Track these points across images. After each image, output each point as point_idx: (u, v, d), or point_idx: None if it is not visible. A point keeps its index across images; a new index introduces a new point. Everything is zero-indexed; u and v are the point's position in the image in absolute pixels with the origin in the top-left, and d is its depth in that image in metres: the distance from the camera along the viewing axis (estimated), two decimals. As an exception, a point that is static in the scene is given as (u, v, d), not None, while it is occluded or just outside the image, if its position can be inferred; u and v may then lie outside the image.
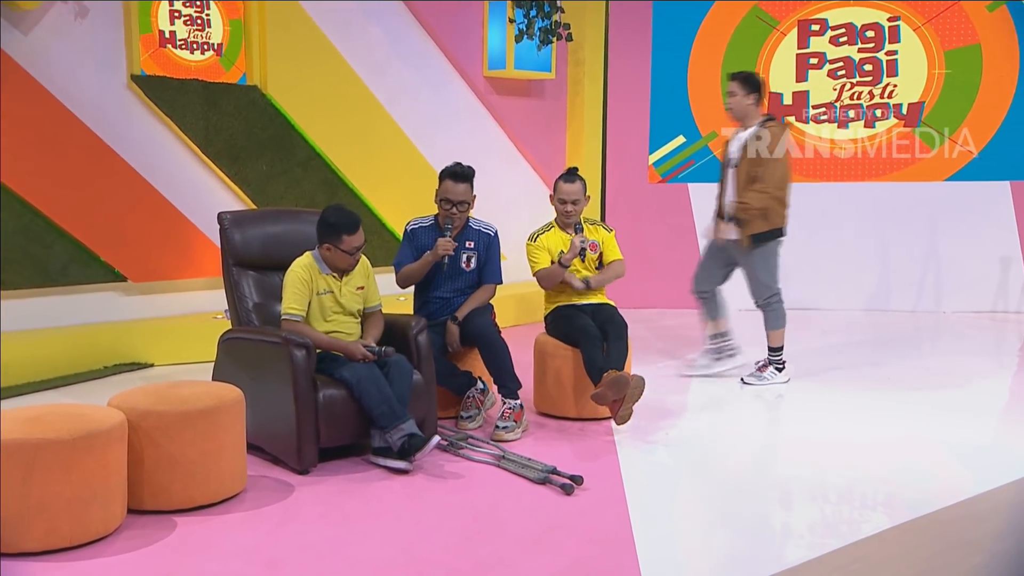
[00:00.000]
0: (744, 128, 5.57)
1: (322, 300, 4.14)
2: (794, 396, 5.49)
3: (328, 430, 3.92)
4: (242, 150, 6.69)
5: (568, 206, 4.93)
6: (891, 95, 8.75)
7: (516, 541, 3.25)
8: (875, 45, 8.73)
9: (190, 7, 6.50)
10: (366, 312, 4.33)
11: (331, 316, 4.17)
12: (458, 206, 4.70)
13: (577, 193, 4.94)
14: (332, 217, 4.08)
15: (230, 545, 3.19)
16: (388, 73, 7.58)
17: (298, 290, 4.07)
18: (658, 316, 8.47)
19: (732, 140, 5.64)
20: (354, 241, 4.07)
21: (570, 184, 4.95)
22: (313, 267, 4.13)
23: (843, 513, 3.67)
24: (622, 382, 4.38)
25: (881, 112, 8.76)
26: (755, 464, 4.22)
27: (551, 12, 7.93)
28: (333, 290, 4.16)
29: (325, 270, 4.15)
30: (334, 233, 4.05)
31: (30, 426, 3.06)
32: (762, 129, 5.46)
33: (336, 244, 4.06)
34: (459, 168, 4.75)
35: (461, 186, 4.71)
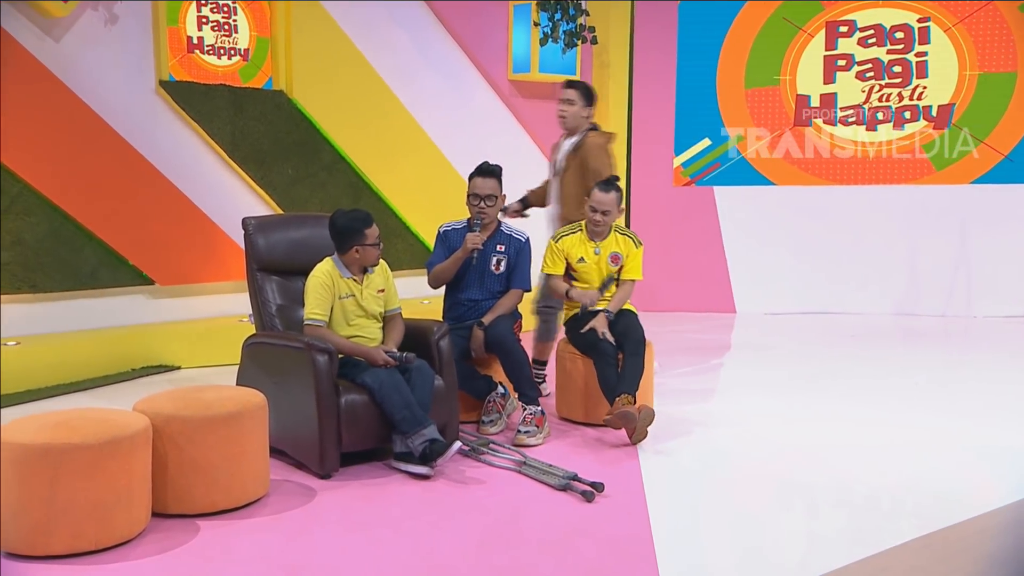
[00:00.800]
0: (569, 137, 5.36)
1: (344, 304, 4.16)
2: (819, 401, 5.44)
3: (350, 435, 3.94)
4: (268, 154, 6.74)
5: (598, 215, 4.80)
6: (920, 97, 8.65)
7: (535, 548, 3.25)
8: (904, 46, 8.64)
9: (217, 13, 6.57)
10: (386, 316, 4.35)
11: (354, 320, 4.19)
12: (485, 200, 4.72)
13: (609, 203, 4.79)
14: (345, 220, 4.11)
15: (251, 550, 3.22)
16: (413, 77, 7.61)
17: (320, 295, 4.09)
18: (681, 320, 8.44)
19: (558, 148, 5.44)
20: (374, 232, 4.15)
21: (604, 193, 4.80)
22: (334, 272, 4.16)
23: (868, 521, 3.62)
24: (630, 417, 4.36)
25: (910, 114, 8.67)
26: (779, 471, 4.18)
27: (576, 15, 7.92)
28: (355, 293, 4.18)
29: (346, 274, 4.17)
30: (356, 233, 4.09)
31: (56, 431, 3.11)
32: (590, 137, 5.28)
33: (362, 242, 4.10)
34: (486, 165, 4.82)
35: (487, 181, 4.74)
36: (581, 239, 4.92)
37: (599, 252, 4.88)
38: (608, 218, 4.82)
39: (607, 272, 4.91)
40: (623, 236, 4.95)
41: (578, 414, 4.84)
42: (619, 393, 4.50)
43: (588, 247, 4.90)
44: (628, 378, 4.57)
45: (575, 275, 4.96)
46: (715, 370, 6.64)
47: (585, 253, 4.89)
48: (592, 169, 5.12)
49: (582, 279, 4.94)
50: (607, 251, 4.88)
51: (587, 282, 4.92)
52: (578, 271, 4.93)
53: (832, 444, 4.59)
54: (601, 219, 4.81)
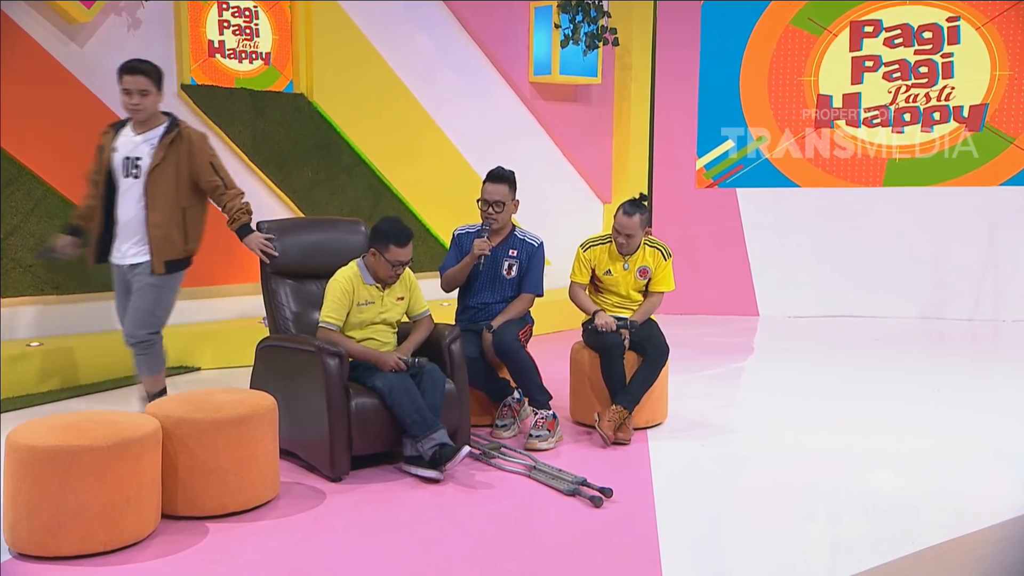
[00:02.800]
0: (143, 130, 4.36)
1: (363, 310, 4.17)
2: (841, 406, 5.38)
3: (361, 438, 3.95)
4: (288, 157, 6.79)
5: (621, 238, 4.73)
6: (948, 97, 8.53)
7: (541, 554, 3.24)
8: (933, 46, 8.52)
9: (239, 17, 6.62)
10: (415, 319, 4.36)
11: (368, 325, 4.20)
12: (494, 206, 4.71)
13: (632, 227, 4.69)
14: (386, 225, 4.13)
15: (259, 553, 3.23)
16: (433, 80, 7.63)
17: (338, 300, 4.10)
18: (703, 323, 8.39)
19: (122, 144, 4.38)
20: (399, 255, 4.09)
21: (627, 217, 4.70)
22: (357, 277, 4.16)
23: (884, 530, 3.56)
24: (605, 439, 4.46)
25: (940, 115, 8.54)
26: (796, 479, 4.12)
27: (597, 17, 7.90)
28: (375, 301, 4.18)
29: (369, 280, 4.17)
30: (383, 240, 4.09)
31: (66, 433, 3.14)
32: (187, 128, 4.47)
33: (382, 252, 4.09)
34: (497, 170, 4.78)
35: (497, 186, 4.71)
36: (610, 252, 4.85)
37: (628, 267, 4.85)
38: (632, 241, 4.75)
39: (636, 285, 4.87)
40: (652, 248, 4.88)
41: (592, 418, 4.82)
42: (619, 402, 4.49)
43: (617, 262, 4.85)
44: (634, 389, 4.56)
45: (600, 285, 4.94)
46: (736, 374, 6.59)
47: (612, 266, 4.85)
48: (203, 167, 4.39)
49: (607, 288, 4.91)
50: (636, 265, 4.85)
51: (613, 292, 4.90)
52: (604, 281, 4.90)
53: (853, 450, 4.53)
54: (625, 242, 4.75)
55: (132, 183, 4.34)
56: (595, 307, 4.81)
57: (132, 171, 4.33)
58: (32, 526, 3.10)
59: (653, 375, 4.65)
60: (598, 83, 8.39)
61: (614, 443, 4.48)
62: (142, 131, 4.36)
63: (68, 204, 5.83)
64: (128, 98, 4.28)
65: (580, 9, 7.82)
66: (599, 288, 4.94)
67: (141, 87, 4.29)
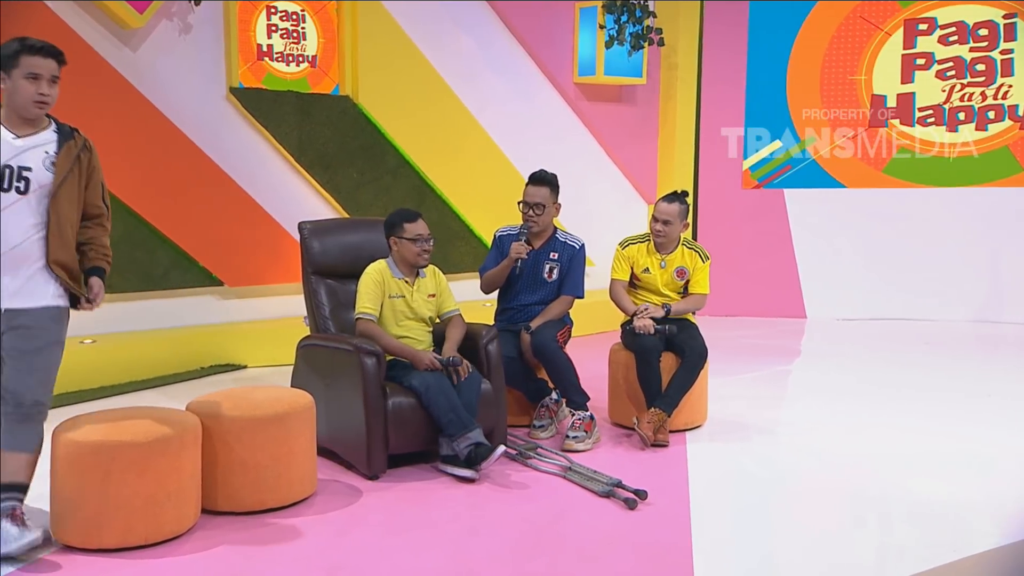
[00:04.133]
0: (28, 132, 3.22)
1: (394, 304, 4.23)
2: (887, 410, 5.29)
3: (397, 437, 4.00)
4: (334, 158, 6.88)
5: (659, 224, 4.74)
6: (1005, 96, 8.33)
7: (572, 555, 3.25)
8: (988, 44, 8.32)
9: (287, 21, 6.73)
10: (444, 318, 4.40)
11: (403, 321, 4.25)
12: (534, 208, 4.72)
13: (671, 214, 4.73)
14: (391, 215, 4.31)
15: (294, 550, 3.29)
16: (478, 81, 7.66)
17: (371, 291, 4.18)
18: (749, 325, 8.30)
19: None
20: (416, 228, 4.22)
21: (667, 203, 4.75)
22: (386, 271, 4.25)
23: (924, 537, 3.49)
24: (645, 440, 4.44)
25: (995, 114, 8.34)
26: (835, 485, 4.06)
27: (642, 17, 7.86)
28: (405, 295, 4.24)
29: (397, 274, 4.25)
30: (395, 226, 4.23)
31: (109, 429, 3.23)
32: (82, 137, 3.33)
33: (400, 235, 4.21)
34: (539, 172, 4.80)
35: (538, 189, 4.73)
36: (648, 249, 4.85)
37: (665, 266, 4.83)
38: (669, 228, 4.74)
39: (673, 285, 4.85)
40: (690, 250, 4.87)
41: (630, 419, 4.80)
42: (657, 405, 4.47)
43: (654, 259, 4.84)
44: (673, 392, 4.55)
45: (638, 283, 4.93)
46: (782, 377, 6.52)
47: (650, 264, 4.84)
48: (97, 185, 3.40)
49: (644, 287, 4.91)
50: (673, 265, 4.83)
51: (650, 291, 4.89)
52: (641, 280, 4.90)
53: (898, 455, 4.44)
54: (663, 229, 4.74)
55: (17, 200, 3.16)
56: (635, 307, 4.81)
57: (17, 184, 3.17)
58: (77, 519, 3.20)
59: (691, 377, 4.62)
60: (643, 83, 8.36)
61: (653, 445, 4.47)
62: (26, 133, 3.21)
63: (120, 205, 5.98)
64: (33, 86, 3.14)
65: (625, 9, 7.79)
66: (637, 287, 4.93)
67: (54, 73, 3.20)
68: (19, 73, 3.11)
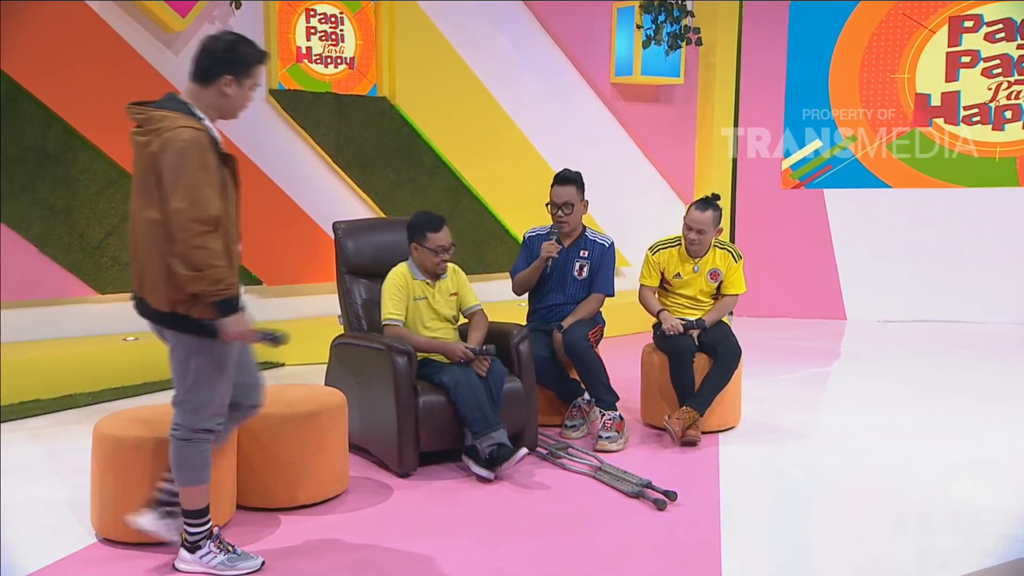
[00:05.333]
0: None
1: (418, 306, 4.25)
2: (927, 414, 5.22)
3: (428, 435, 4.03)
4: (371, 159, 6.95)
5: (693, 234, 4.71)
6: (1053, 94, 8.16)
7: (598, 556, 3.25)
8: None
9: (325, 24, 6.82)
10: (466, 313, 4.42)
11: (428, 322, 4.27)
12: (563, 208, 4.73)
13: (704, 223, 4.68)
14: (417, 218, 4.27)
15: (324, 546, 3.34)
16: (514, 82, 7.69)
17: (395, 296, 4.20)
18: (788, 326, 8.22)
19: None
20: (438, 240, 4.19)
21: (699, 212, 4.70)
22: (407, 274, 4.27)
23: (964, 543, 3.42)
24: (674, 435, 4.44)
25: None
26: (870, 488, 4.02)
27: (680, 17, 7.83)
28: (427, 296, 4.26)
29: (419, 276, 4.26)
30: (419, 232, 4.21)
31: (148, 425, 3.31)
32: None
33: (421, 243, 4.20)
34: (564, 172, 4.81)
35: (565, 188, 4.74)
36: (680, 255, 4.83)
37: (697, 270, 4.81)
38: (704, 237, 4.72)
39: (707, 288, 4.83)
40: (722, 251, 4.84)
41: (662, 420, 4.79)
42: (690, 404, 4.46)
43: (686, 264, 4.81)
44: (705, 392, 4.53)
45: (669, 288, 4.91)
46: (820, 379, 6.45)
47: (682, 269, 4.82)
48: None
49: (677, 291, 4.89)
50: (706, 268, 4.81)
51: (683, 295, 4.87)
52: (673, 284, 4.88)
53: (932, 461, 4.38)
54: (696, 238, 4.71)
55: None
56: (659, 308, 4.80)
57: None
58: (117, 513, 3.26)
59: (724, 378, 4.60)
60: (680, 83, 8.32)
61: (683, 442, 4.45)
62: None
63: (162, 205, 6.10)
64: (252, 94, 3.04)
65: (663, 9, 7.76)
66: (668, 290, 4.92)
67: None
68: (250, 83, 2.98)
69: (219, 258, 2.80)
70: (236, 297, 2.85)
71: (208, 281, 2.78)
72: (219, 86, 2.89)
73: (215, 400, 3.00)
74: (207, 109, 2.93)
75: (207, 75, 2.89)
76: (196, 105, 2.91)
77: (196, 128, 2.82)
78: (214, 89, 2.90)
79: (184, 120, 2.83)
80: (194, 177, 2.76)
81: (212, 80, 2.88)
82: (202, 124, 2.86)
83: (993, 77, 8.30)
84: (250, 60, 2.94)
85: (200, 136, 2.80)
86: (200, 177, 2.77)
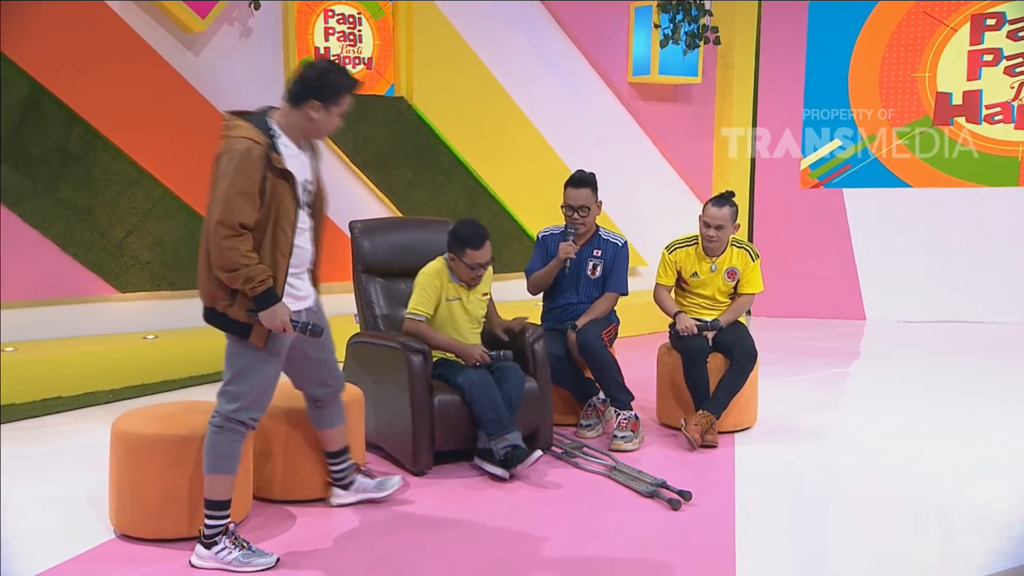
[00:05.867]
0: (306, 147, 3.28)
1: (451, 307, 4.25)
2: (946, 415, 5.19)
3: (443, 434, 4.05)
4: (388, 159, 6.98)
5: (711, 230, 4.69)
6: (1079, 92, 8.08)
7: (611, 555, 3.26)
8: (1061, 38, 8.08)
9: (343, 24, 6.85)
10: None
11: (460, 326, 4.27)
12: (579, 211, 4.73)
13: (722, 218, 4.68)
14: (461, 229, 4.16)
15: (339, 541, 3.37)
16: (531, 82, 7.70)
17: (427, 293, 4.19)
18: (806, 326, 8.18)
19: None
20: (477, 257, 4.12)
21: (717, 208, 4.69)
22: (444, 273, 4.24)
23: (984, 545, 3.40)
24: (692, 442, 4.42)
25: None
26: (887, 492, 3.99)
27: (698, 16, 7.81)
28: (461, 297, 4.26)
29: (454, 279, 4.25)
30: (459, 245, 4.14)
31: (166, 422, 3.35)
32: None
33: (459, 256, 4.14)
34: (578, 174, 4.80)
35: (580, 191, 4.73)
36: (697, 254, 4.82)
37: (715, 269, 4.80)
38: (722, 233, 4.70)
39: (724, 287, 4.83)
40: (739, 249, 4.83)
41: (678, 421, 4.79)
42: (705, 407, 4.45)
43: (703, 263, 4.81)
44: (722, 395, 4.52)
45: (686, 287, 4.91)
46: (838, 379, 6.42)
47: (699, 268, 4.81)
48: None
49: (693, 290, 4.88)
50: (723, 267, 4.80)
51: (700, 294, 4.87)
52: (690, 284, 4.88)
53: (952, 462, 4.35)
54: (715, 234, 4.70)
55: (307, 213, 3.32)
56: (676, 309, 4.79)
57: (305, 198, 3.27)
58: (135, 510, 3.31)
59: (740, 380, 4.59)
60: (698, 82, 8.29)
61: (702, 446, 4.45)
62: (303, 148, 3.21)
63: (182, 205, 6.16)
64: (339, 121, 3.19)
65: (680, 8, 7.75)
66: (685, 290, 4.91)
67: None
68: (337, 110, 3.12)
69: (247, 257, 2.94)
70: (271, 293, 3.00)
71: (241, 279, 2.95)
72: (306, 110, 3.04)
73: (252, 395, 3.10)
74: (292, 128, 3.08)
75: (297, 98, 3.04)
76: (283, 123, 3.06)
77: (254, 140, 2.93)
78: (302, 112, 3.05)
79: (248, 131, 2.95)
80: (232, 185, 2.90)
81: (301, 103, 3.04)
82: (264, 138, 2.96)
83: (1016, 75, 8.22)
84: (339, 89, 3.08)
85: (254, 148, 2.92)
86: (237, 185, 2.90)
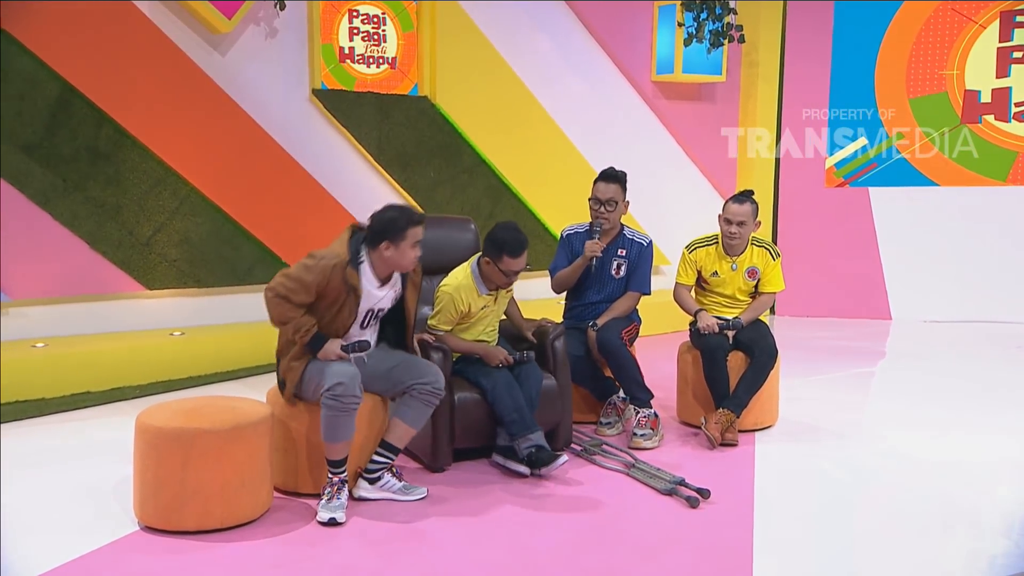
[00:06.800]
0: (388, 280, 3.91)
1: (483, 314, 4.21)
2: (972, 416, 5.15)
3: (462, 431, 4.08)
4: (412, 158, 7.03)
5: (732, 227, 4.68)
6: (1111, 88, 7.96)
7: (629, 552, 3.27)
8: (1093, 32, 7.97)
9: (368, 24, 6.90)
10: None
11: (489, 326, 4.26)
12: (606, 205, 4.73)
13: (744, 215, 4.67)
14: (501, 233, 4.05)
15: (355, 537, 3.40)
16: (554, 80, 7.70)
17: (449, 313, 4.12)
18: (832, 326, 8.12)
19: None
20: (513, 264, 4.05)
21: (738, 204, 4.68)
22: (472, 290, 4.12)
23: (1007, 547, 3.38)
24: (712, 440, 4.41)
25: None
26: (911, 492, 3.96)
27: (722, 14, 7.77)
28: (489, 303, 4.22)
29: (483, 290, 4.16)
30: (496, 250, 4.04)
31: (188, 417, 3.40)
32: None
33: (496, 261, 4.06)
34: (609, 170, 4.80)
35: (609, 185, 4.73)
36: (717, 253, 4.81)
37: (736, 268, 4.79)
38: (744, 230, 4.69)
39: (744, 286, 4.82)
40: (760, 248, 4.82)
41: (698, 419, 4.78)
42: (726, 406, 4.45)
43: (724, 262, 4.80)
44: (742, 393, 4.51)
45: (707, 286, 4.90)
46: (863, 379, 6.38)
47: (720, 268, 4.81)
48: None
49: (714, 290, 4.88)
50: (744, 266, 4.79)
51: (720, 293, 4.86)
52: (710, 283, 4.87)
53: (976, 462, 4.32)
54: (736, 231, 4.68)
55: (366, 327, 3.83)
56: (697, 307, 4.79)
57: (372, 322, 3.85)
58: (158, 503, 3.37)
59: (761, 378, 4.58)
60: (723, 81, 8.25)
61: (722, 444, 4.44)
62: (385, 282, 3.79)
63: (208, 203, 6.23)
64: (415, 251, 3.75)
65: (705, 7, 7.72)
66: (705, 289, 4.90)
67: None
68: (405, 244, 3.67)
69: (295, 310, 3.59)
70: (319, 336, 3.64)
71: (292, 329, 3.63)
72: (380, 250, 3.65)
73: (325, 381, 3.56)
74: (376, 264, 3.69)
75: (372, 242, 3.66)
76: (368, 258, 3.68)
77: (337, 258, 3.58)
78: (377, 252, 3.66)
79: (340, 249, 3.64)
80: (300, 273, 3.57)
81: (375, 246, 3.64)
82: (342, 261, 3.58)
83: (1047, 71, 8.12)
84: (401, 227, 3.63)
85: (334, 263, 3.57)
86: (303, 275, 3.56)
